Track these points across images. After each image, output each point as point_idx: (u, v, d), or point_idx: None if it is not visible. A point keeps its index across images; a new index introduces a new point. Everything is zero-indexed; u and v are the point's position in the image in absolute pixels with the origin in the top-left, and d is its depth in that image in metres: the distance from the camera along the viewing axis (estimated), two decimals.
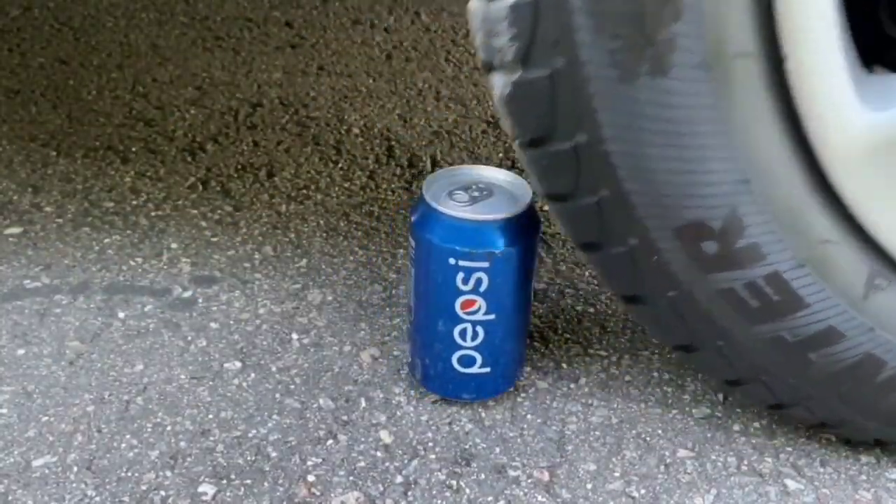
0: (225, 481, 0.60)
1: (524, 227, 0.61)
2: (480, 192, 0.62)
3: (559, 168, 0.53)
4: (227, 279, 0.81)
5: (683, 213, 0.52)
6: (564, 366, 0.72)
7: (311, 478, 0.61)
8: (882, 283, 0.56)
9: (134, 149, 1.04)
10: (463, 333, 0.63)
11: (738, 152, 0.51)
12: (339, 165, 1.02)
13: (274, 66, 1.28)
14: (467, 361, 0.64)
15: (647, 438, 0.65)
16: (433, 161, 1.04)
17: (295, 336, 0.74)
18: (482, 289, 0.61)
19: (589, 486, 0.61)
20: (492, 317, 0.62)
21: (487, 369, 0.65)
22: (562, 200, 0.54)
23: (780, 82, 0.50)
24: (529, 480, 0.61)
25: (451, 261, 0.60)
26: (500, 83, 0.51)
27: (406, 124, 1.13)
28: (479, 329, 0.63)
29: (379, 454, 0.63)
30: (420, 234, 0.61)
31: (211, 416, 0.66)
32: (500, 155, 1.06)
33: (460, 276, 0.60)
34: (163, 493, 0.59)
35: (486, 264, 0.60)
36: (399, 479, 0.61)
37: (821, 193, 0.53)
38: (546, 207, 0.95)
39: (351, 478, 0.61)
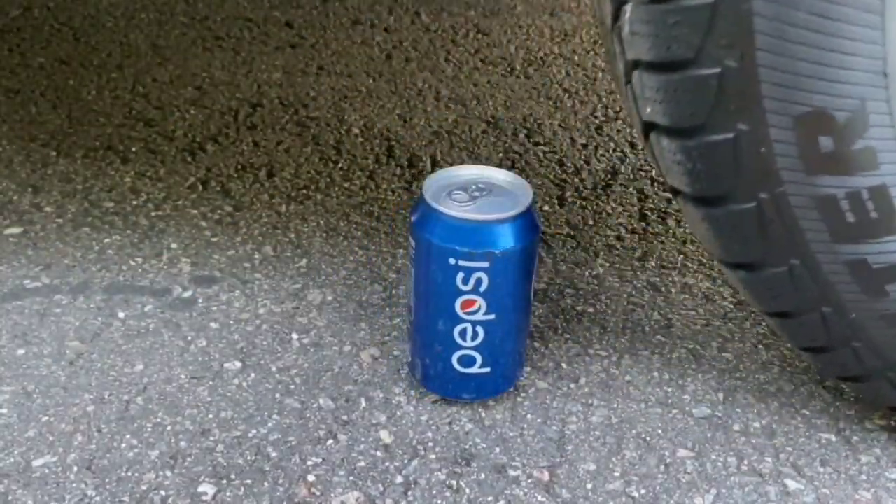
0: (225, 481, 0.60)
1: (524, 227, 0.61)
2: (480, 192, 0.62)
3: (688, 28, 0.47)
4: (227, 279, 0.81)
5: (811, 99, 0.48)
6: (564, 366, 0.72)
7: (311, 478, 0.61)
8: None
9: (134, 149, 1.04)
10: (463, 333, 0.63)
11: (887, 40, 0.47)
12: (339, 165, 1.02)
13: (274, 66, 1.28)
14: (467, 361, 0.64)
15: (647, 438, 0.65)
16: (433, 161, 1.04)
17: (295, 336, 0.74)
18: (482, 289, 0.61)
19: (589, 486, 0.61)
20: (492, 317, 0.62)
21: (487, 369, 0.65)
22: (676, 69, 0.49)
23: None
24: (529, 480, 0.61)
25: (451, 261, 0.60)
26: None
27: (406, 124, 1.13)
28: (479, 329, 0.63)
29: (379, 454, 0.63)
30: (420, 234, 0.61)
31: (211, 416, 0.66)
32: (500, 155, 1.06)
33: (460, 276, 0.60)
34: (163, 493, 0.59)
35: (486, 264, 0.60)
36: (399, 479, 0.61)
37: None
38: (546, 207, 0.95)
39: (351, 478, 0.61)
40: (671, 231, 0.92)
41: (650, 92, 0.51)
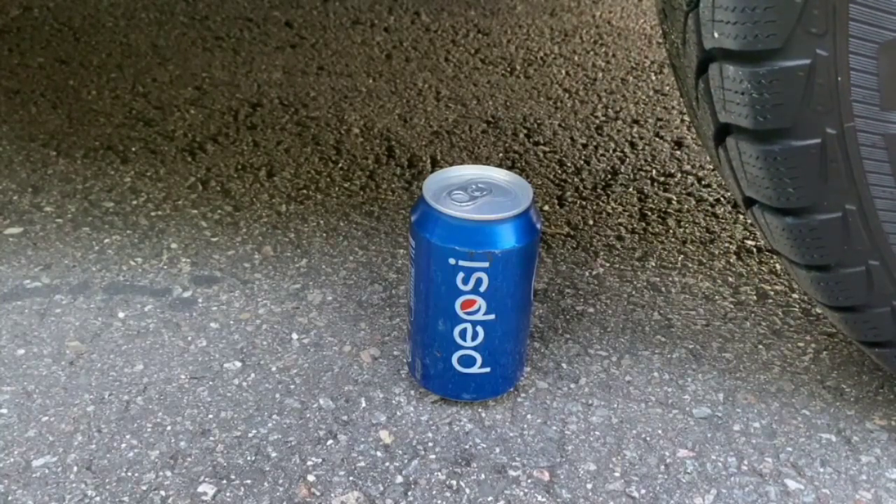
0: (225, 481, 0.60)
1: (524, 227, 0.61)
2: (480, 192, 0.62)
3: None
4: (227, 279, 0.81)
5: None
6: (564, 366, 0.72)
7: (311, 478, 0.61)
8: None
9: (134, 149, 1.04)
10: (463, 333, 0.63)
11: None
12: (339, 165, 1.02)
13: (274, 66, 1.28)
14: (467, 361, 0.64)
15: (647, 438, 0.65)
16: (433, 161, 1.04)
17: (295, 336, 0.74)
18: (482, 289, 0.61)
19: (589, 486, 0.61)
20: (492, 317, 0.62)
21: (487, 369, 0.65)
22: None
23: None
24: (529, 480, 0.61)
25: (451, 261, 0.60)
26: None
27: (406, 124, 1.13)
28: (479, 329, 0.63)
29: (379, 454, 0.63)
30: (420, 234, 0.61)
31: (211, 416, 0.66)
32: (500, 155, 1.06)
33: (460, 276, 0.60)
34: (163, 493, 0.59)
35: (486, 264, 0.60)
36: (399, 479, 0.61)
37: None
38: (546, 207, 0.95)
39: (351, 478, 0.61)
40: (671, 231, 0.92)
41: (721, 13, 0.47)
